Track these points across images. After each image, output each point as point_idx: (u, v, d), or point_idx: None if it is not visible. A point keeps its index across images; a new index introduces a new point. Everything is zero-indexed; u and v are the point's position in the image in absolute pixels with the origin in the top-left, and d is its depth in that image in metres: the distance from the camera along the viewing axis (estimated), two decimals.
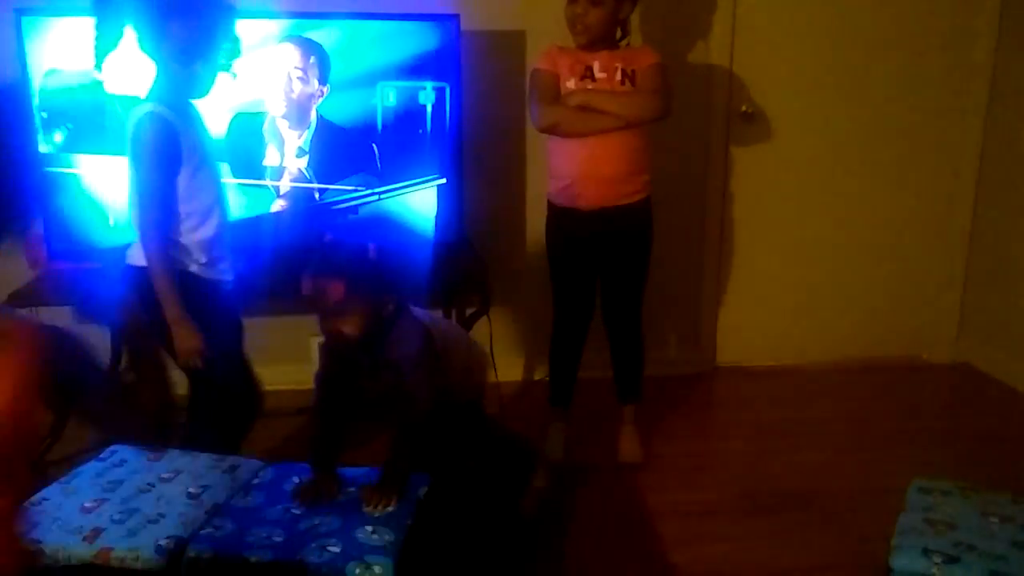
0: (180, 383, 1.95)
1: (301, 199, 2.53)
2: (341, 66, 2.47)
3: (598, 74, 2.32)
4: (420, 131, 2.58)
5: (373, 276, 1.69)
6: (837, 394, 3.04)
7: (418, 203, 2.62)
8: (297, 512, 1.64)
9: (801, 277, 3.20)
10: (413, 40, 2.51)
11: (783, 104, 3.03)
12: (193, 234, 1.90)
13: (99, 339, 2.82)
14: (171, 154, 1.84)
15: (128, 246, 1.95)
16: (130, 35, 1.86)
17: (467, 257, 2.65)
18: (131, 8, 1.83)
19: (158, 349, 1.92)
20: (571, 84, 2.32)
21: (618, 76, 2.32)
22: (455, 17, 2.51)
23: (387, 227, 2.59)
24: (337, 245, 1.74)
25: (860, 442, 2.68)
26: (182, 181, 1.86)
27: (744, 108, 3.00)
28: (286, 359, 2.76)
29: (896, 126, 3.08)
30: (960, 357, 3.26)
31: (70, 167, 2.38)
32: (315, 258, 1.69)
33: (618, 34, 2.40)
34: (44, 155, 2.34)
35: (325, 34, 2.45)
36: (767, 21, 2.94)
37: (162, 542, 1.54)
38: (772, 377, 3.16)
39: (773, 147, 3.07)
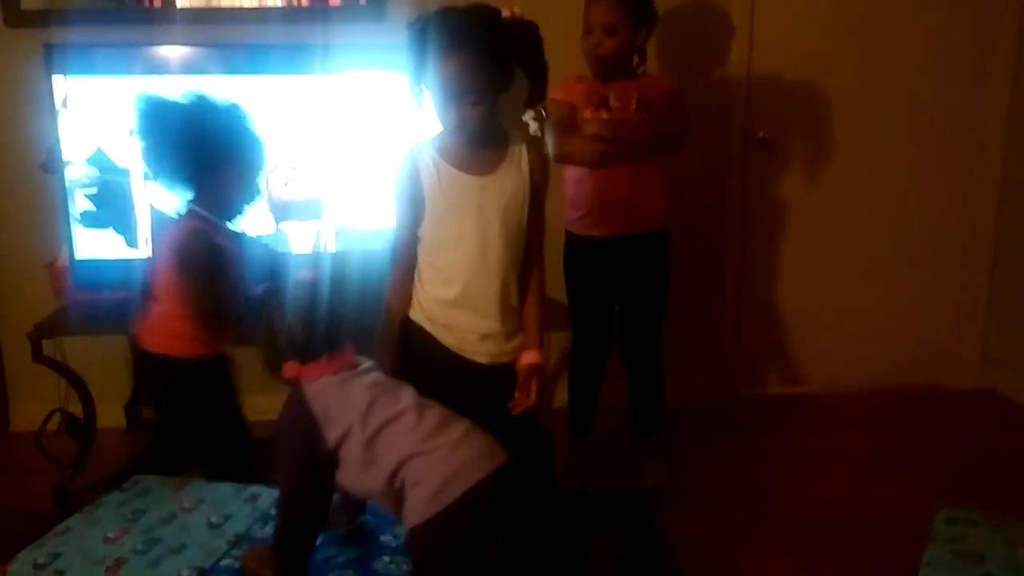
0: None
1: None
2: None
3: (613, 104, 2.34)
4: None
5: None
6: (860, 421, 3.00)
7: None
8: (316, 542, 1.64)
9: (822, 303, 3.18)
10: None
11: (801, 130, 3.03)
12: None
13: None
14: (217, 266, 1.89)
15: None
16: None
17: None
18: (176, 154, 1.87)
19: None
20: (587, 114, 2.33)
21: (633, 105, 2.34)
22: None
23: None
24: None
25: (884, 470, 2.65)
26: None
27: (761, 134, 3.00)
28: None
29: (916, 152, 3.07)
30: (985, 383, 3.22)
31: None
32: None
33: (635, 61, 2.41)
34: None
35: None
36: (784, 46, 2.95)
37: (184, 572, 1.54)
38: (793, 404, 3.13)
39: (791, 173, 3.07)
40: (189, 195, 1.91)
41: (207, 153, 1.86)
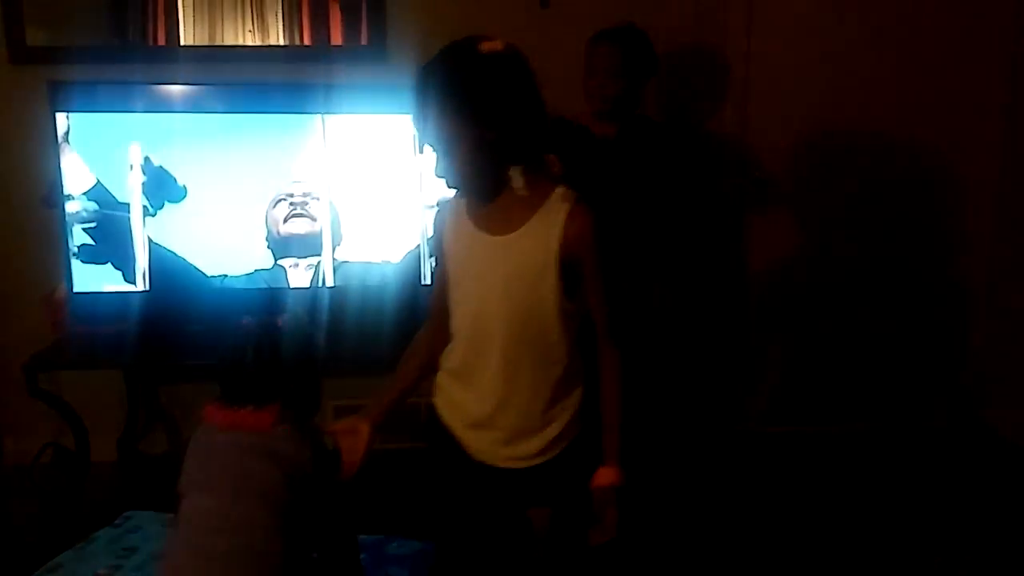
0: None
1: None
2: None
3: None
4: None
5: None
6: (860, 459, 2.99)
7: None
8: None
9: (820, 340, 3.18)
10: None
11: (797, 169, 3.06)
12: None
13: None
14: None
15: None
16: None
17: None
18: None
19: None
20: None
21: None
22: None
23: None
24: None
25: (883, 510, 2.64)
26: None
27: (756, 173, 3.03)
28: None
29: (913, 189, 3.09)
30: (982, 423, 3.21)
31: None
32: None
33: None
34: None
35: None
36: (781, 85, 2.99)
37: None
38: (794, 442, 3.11)
39: (788, 212, 3.09)
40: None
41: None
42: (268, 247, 2.55)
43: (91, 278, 2.50)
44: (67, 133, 2.42)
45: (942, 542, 2.45)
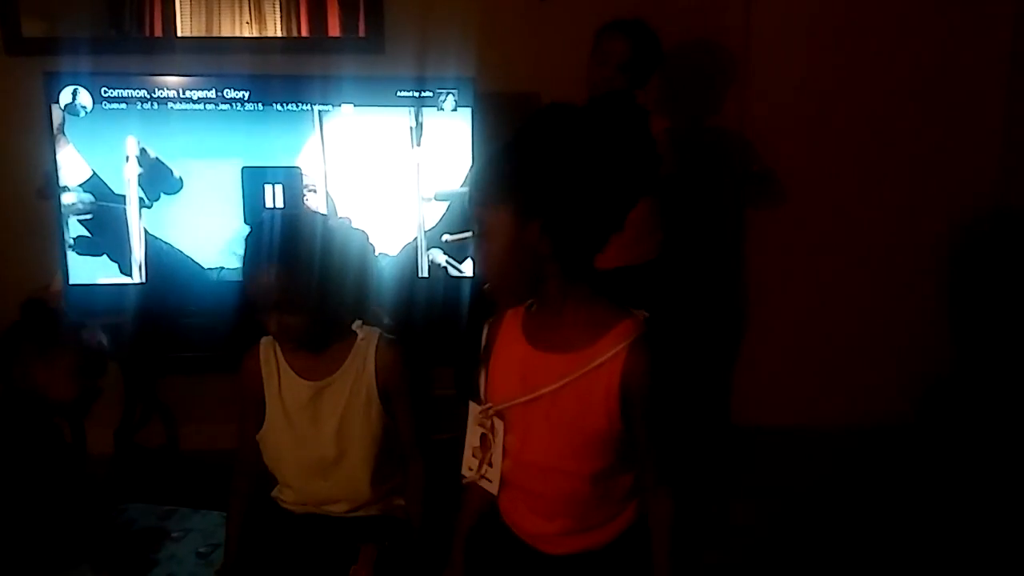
0: None
1: None
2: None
3: None
4: None
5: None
6: (855, 458, 2.99)
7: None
8: None
9: (818, 336, 3.18)
10: None
11: (796, 164, 3.05)
12: None
13: None
14: None
15: None
16: None
17: None
18: None
19: None
20: None
21: None
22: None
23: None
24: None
25: (878, 508, 2.64)
26: None
27: (756, 168, 3.03)
28: None
29: (914, 192, 3.08)
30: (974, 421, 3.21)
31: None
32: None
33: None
34: None
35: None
36: (780, 80, 2.98)
37: None
38: (789, 438, 3.11)
39: (786, 206, 3.08)
40: None
41: None
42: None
43: (87, 270, 2.49)
44: (63, 125, 2.41)
45: (936, 539, 2.46)
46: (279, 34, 2.78)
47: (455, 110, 2.51)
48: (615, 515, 1.28)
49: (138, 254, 2.50)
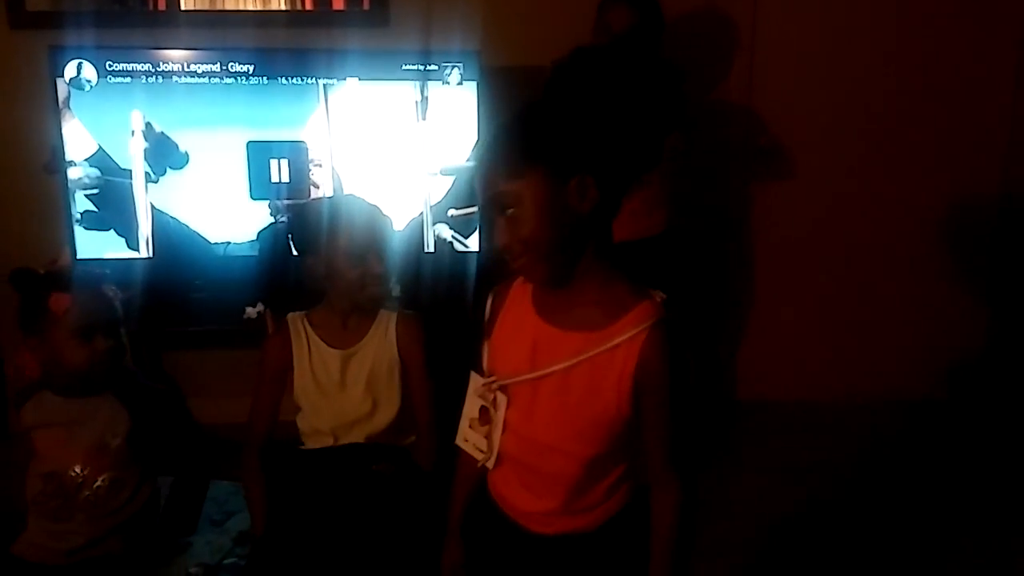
0: None
1: None
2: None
3: None
4: None
5: None
6: (861, 432, 3.01)
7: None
8: None
9: (825, 311, 3.19)
10: None
11: (803, 137, 3.04)
12: None
13: None
14: None
15: None
16: None
17: None
18: None
19: None
20: None
21: None
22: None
23: None
24: None
25: (882, 483, 2.66)
26: None
27: (763, 142, 3.02)
28: None
29: (920, 162, 3.08)
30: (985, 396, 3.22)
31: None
32: None
33: None
34: None
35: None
36: (786, 53, 2.97)
37: (192, 569, 1.57)
38: (794, 413, 3.13)
39: (793, 180, 3.08)
40: None
41: None
42: (271, 214, 2.55)
43: (94, 245, 2.50)
44: (68, 99, 2.40)
45: (939, 517, 2.47)
46: (284, 7, 2.77)
47: (460, 83, 2.51)
48: (605, 500, 1.26)
49: (145, 229, 2.51)
